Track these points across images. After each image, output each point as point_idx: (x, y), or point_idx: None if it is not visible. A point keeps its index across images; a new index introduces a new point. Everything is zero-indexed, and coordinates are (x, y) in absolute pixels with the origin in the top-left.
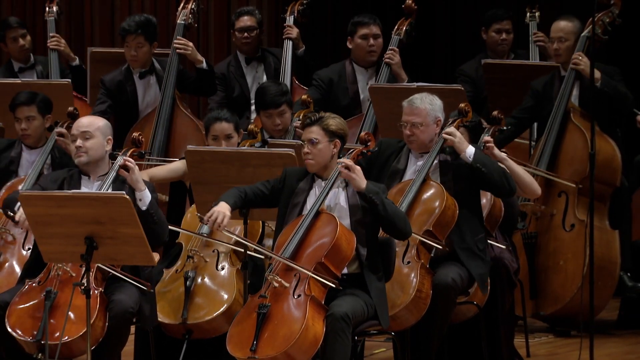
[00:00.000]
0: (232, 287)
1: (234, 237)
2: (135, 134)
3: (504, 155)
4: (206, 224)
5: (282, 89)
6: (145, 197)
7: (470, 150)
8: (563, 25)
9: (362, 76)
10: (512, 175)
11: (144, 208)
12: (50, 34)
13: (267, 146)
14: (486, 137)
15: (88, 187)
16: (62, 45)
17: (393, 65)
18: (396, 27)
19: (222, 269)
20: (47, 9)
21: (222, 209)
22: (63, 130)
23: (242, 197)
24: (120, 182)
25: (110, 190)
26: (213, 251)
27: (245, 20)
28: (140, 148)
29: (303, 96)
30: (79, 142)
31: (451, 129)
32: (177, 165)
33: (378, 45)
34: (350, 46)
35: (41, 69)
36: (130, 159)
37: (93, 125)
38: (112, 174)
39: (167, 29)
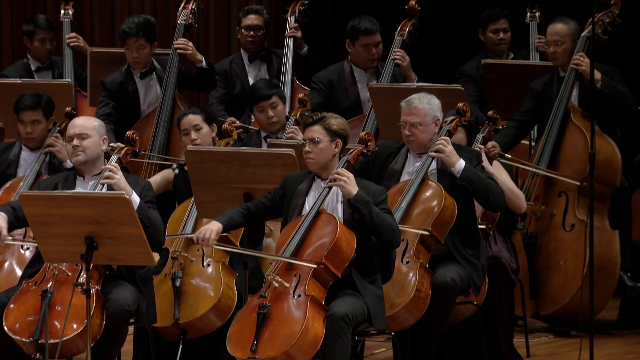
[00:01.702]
0: (219, 281)
1: (227, 249)
2: (128, 133)
3: (491, 171)
4: (196, 242)
5: (271, 82)
6: (132, 202)
7: (459, 165)
8: (558, 28)
9: (362, 77)
10: None
11: None
12: (67, 35)
13: (266, 146)
14: (479, 147)
15: (83, 187)
16: (82, 43)
17: (403, 66)
18: (399, 28)
19: (208, 265)
20: (62, 11)
21: (212, 226)
22: (51, 140)
23: (243, 214)
24: None
25: (104, 189)
26: (198, 250)
27: (253, 19)
28: (134, 146)
29: (300, 94)
30: (75, 142)
31: (442, 142)
32: (156, 180)
33: (379, 53)
34: (349, 50)
35: (58, 71)
36: (113, 167)
37: (89, 125)
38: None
39: (167, 29)
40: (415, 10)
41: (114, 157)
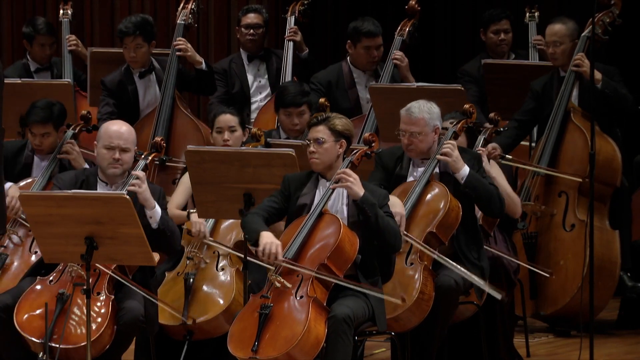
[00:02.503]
0: (231, 287)
1: (289, 266)
2: (157, 139)
3: (492, 174)
4: (263, 259)
5: (303, 89)
6: (155, 214)
7: (464, 171)
8: (557, 29)
9: (361, 78)
10: None
11: (154, 226)
12: (67, 36)
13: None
14: (480, 149)
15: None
16: (80, 46)
17: (402, 67)
18: (399, 28)
19: (222, 269)
20: (61, 11)
21: (271, 239)
22: (68, 148)
23: (264, 220)
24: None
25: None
26: (213, 252)
27: (252, 18)
28: (161, 153)
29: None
30: (117, 155)
31: (449, 146)
32: (182, 190)
33: (379, 55)
34: (350, 51)
35: (56, 71)
36: (141, 176)
37: (131, 138)
38: (128, 183)
39: (167, 29)
40: (415, 10)
41: (141, 163)
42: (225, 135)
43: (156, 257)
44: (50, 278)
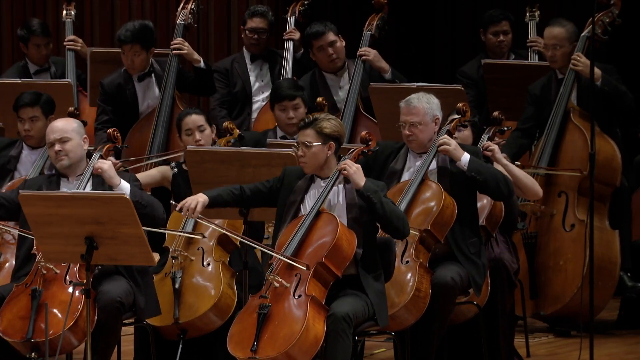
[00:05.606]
0: (219, 281)
1: (212, 226)
2: (110, 130)
3: (505, 161)
4: (179, 210)
5: (297, 84)
6: (123, 189)
7: (465, 158)
8: (557, 32)
9: (333, 81)
10: (513, 178)
11: None
12: (67, 38)
13: (266, 146)
14: (487, 143)
15: (68, 188)
16: (79, 46)
17: (371, 60)
18: (367, 23)
19: (208, 264)
20: (64, 11)
21: (198, 197)
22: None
23: (233, 194)
24: (98, 179)
25: (88, 188)
26: (198, 249)
27: (258, 22)
28: (116, 143)
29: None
30: (57, 147)
31: (444, 138)
32: (152, 173)
33: (337, 50)
34: (313, 59)
35: (54, 70)
36: (102, 161)
37: (68, 128)
38: (88, 173)
39: (167, 29)
40: (382, 3)
41: (96, 155)
42: (196, 136)
43: (156, 257)
44: (25, 281)
